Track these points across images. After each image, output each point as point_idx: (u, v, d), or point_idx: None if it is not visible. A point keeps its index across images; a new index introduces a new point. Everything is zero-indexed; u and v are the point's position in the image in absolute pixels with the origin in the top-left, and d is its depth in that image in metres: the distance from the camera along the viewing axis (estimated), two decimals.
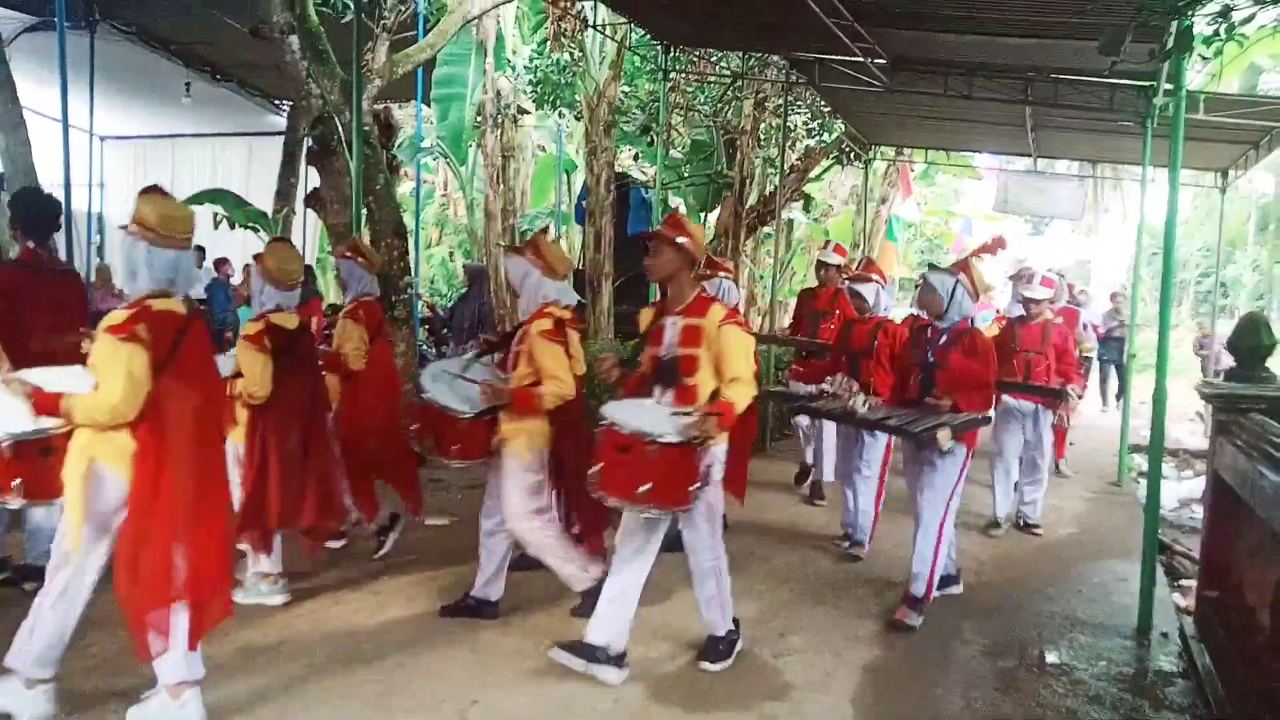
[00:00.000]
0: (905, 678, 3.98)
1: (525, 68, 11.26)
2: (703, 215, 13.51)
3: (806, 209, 15.95)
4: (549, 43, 10.67)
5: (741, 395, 3.57)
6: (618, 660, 3.72)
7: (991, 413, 4.84)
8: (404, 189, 14.60)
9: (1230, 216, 27.37)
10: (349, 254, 5.16)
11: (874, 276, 5.84)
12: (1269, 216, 28.76)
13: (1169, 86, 4.68)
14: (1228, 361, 4.76)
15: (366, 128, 7.77)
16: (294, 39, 7.01)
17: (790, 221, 15.83)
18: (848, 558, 5.59)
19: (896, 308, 9.67)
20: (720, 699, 3.68)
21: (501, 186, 11.36)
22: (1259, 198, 29.52)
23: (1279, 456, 3.25)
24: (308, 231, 13.68)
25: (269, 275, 4.19)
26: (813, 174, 13.18)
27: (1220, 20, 3.91)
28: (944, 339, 4.55)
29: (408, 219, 12.38)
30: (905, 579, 4.66)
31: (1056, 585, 5.37)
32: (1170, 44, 3.88)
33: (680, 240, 3.71)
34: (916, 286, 5.84)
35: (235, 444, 4.14)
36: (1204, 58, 4.14)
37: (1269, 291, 28.10)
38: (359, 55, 6.77)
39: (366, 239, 6.94)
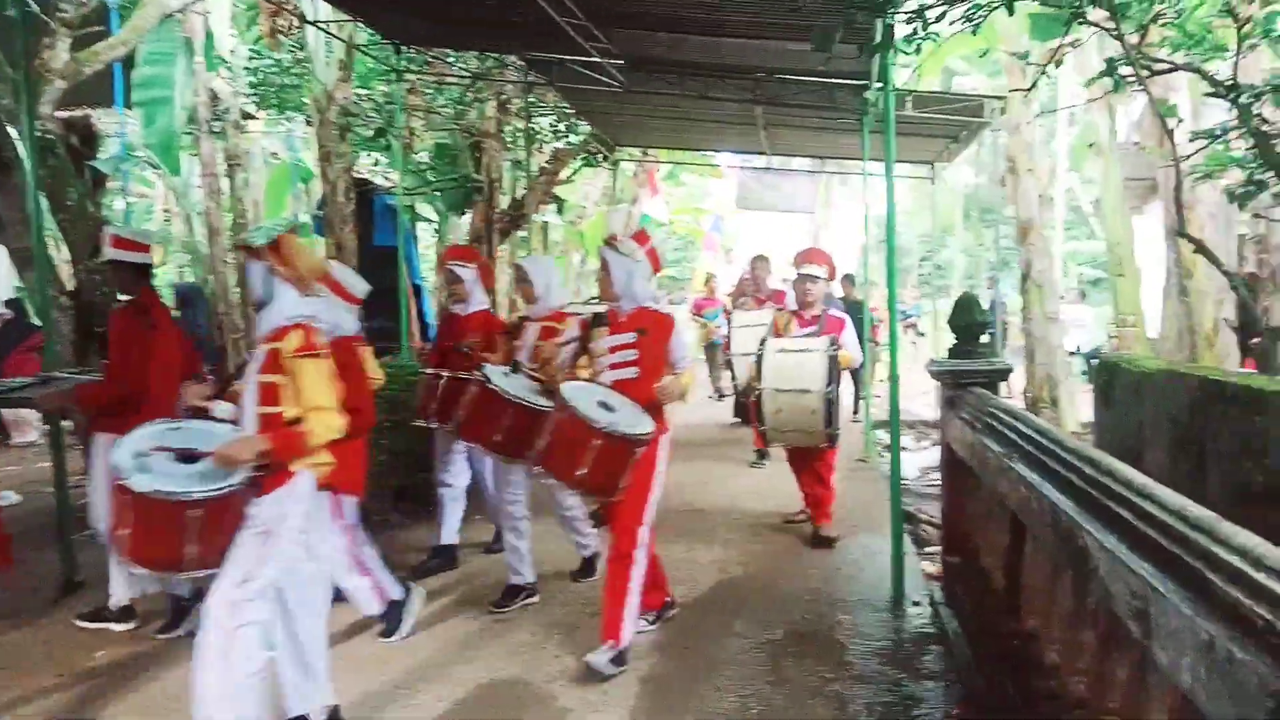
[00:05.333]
0: (682, 682, 3.91)
1: (245, 68, 10.35)
2: (454, 220, 13.10)
3: (560, 211, 15.93)
4: (266, 41, 9.86)
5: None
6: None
7: None
8: (122, 204, 13.06)
9: (942, 205, 30.58)
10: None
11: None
12: (973, 205, 32.23)
13: (879, 84, 4.95)
14: None
15: (51, 136, 6.79)
16: None
17: (545, 224, 15.74)
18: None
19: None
20: None
21: (227, 197, 10.38)
22: (965, 188, 33.09)
23: (999, 429, 3.44)
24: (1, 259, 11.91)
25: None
26: (563, 176, 13.13)
27: (917, 18, 4.14)
28: None
29: None
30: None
31: (818, 566, 5.55)
32: (875, 41, 4.07)
33: None
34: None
35: None
36: (904, 51, 4.38)
37: (977, 272, 31.45)
38: (29, 52, 5.86)
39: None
